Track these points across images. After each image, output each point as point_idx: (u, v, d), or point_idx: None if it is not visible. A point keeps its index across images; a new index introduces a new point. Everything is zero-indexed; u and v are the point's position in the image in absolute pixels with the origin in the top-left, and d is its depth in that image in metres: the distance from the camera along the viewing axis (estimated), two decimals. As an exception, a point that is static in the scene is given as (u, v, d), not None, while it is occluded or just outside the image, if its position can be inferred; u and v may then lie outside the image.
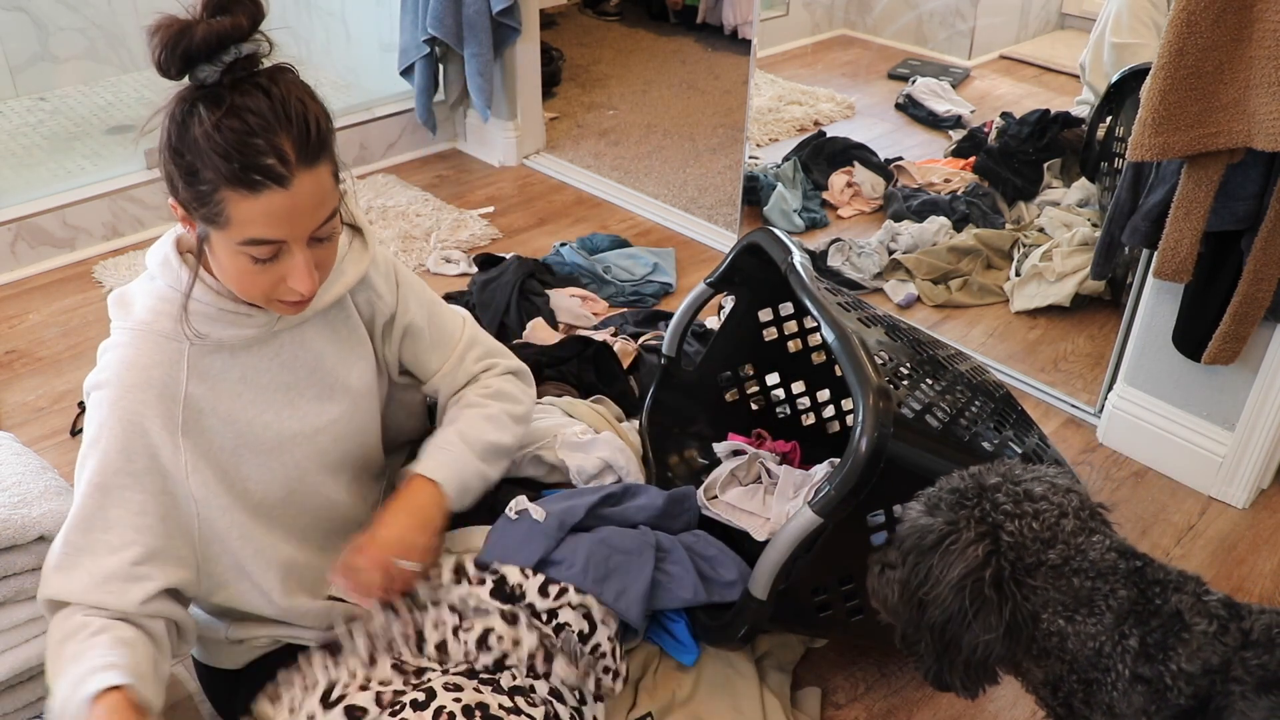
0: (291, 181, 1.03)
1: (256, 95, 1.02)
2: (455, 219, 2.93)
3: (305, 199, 1.05)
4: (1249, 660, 0.91)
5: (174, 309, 1.14)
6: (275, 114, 1.02)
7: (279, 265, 1.09)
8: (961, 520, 0.97)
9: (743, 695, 1.45)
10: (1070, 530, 0.96)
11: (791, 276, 1.50)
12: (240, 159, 1.00)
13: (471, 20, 2.96)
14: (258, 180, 1.01)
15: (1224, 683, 0.91)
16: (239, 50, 1.02)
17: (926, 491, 1.05)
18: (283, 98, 1.03)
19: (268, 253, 1.07)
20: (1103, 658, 0.94)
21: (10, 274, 2.60)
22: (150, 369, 1.14)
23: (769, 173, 2.93)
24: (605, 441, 1.71)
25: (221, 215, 1.04)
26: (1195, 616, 0.94)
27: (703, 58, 4.30)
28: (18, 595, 1.25)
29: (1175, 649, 0.92)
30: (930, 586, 0.96)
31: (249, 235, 1.05)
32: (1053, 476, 1.01)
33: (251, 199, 1.02)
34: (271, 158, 1.01)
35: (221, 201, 1.03)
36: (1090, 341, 2.38)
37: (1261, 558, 1.85)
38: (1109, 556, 0.96)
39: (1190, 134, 1.56)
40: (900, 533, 1.03)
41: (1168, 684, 0.92)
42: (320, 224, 1.09)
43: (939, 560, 0.96)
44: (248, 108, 1.01)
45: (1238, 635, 0.93)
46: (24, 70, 3.53)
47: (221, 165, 1.00)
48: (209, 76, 1.02)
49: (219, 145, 1.00)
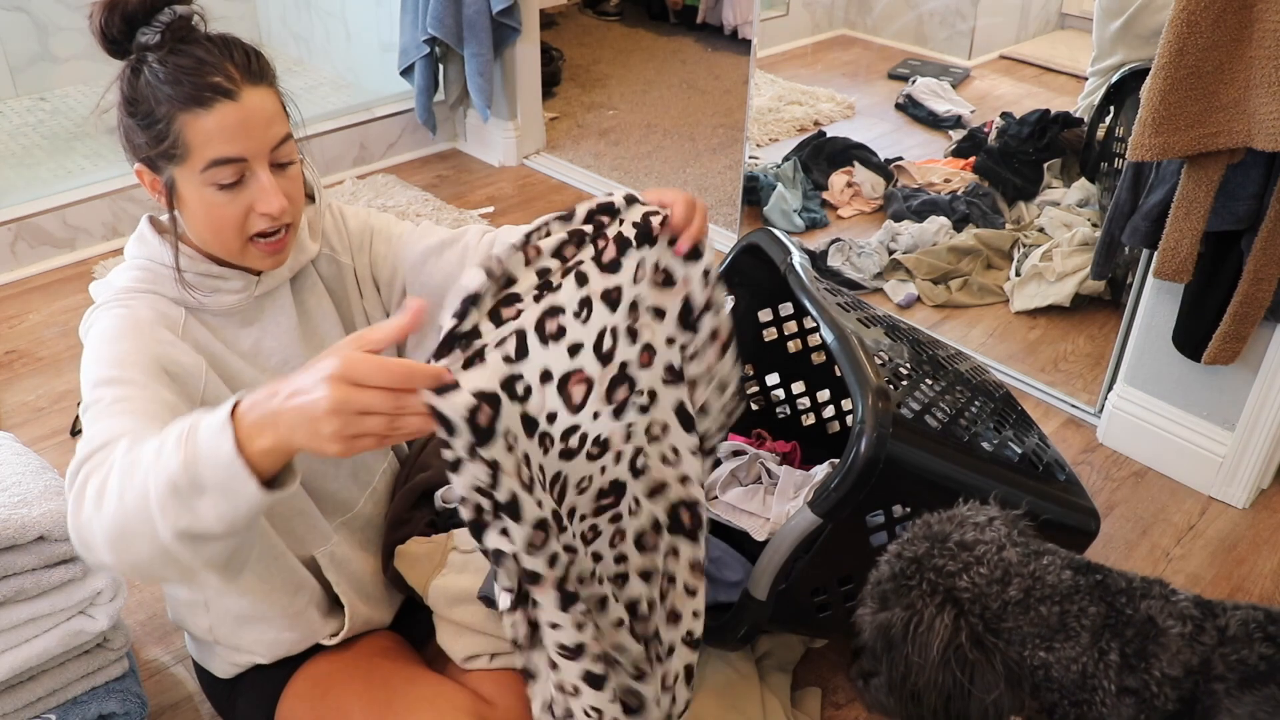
0: (239, 94, 1.08)
1: (198, 43, 1.09)
2: (455, 219, 2.93)
3: (256, 111, 1.09)
4: (1229, 656, 0.91)
5: (154, 277, 1.17)
6: (218, 49, 1.09)
7: (245, 192, 1.11)
8: (915, 600, 0.96)
9: (743, 695, 1.45)
10: (1017, 560, 0.95)
11: (791, 277, 1.50)
12: (190, 79, 1.06)
13: (471, 20, 2.96)
14: (208, 96, 1.06)
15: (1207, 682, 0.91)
16: (174, 11, 1.09)
17: (867, 589, 1.03)
18: (223, 40, 1.10)
19: (231, 174, 1.09)
20: (1088, 678, 0.93)
21: (10, 274, 2.60)
22: (153, 304, 1.16)
23: (769, 173, 2.93)
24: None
25: (180, 144, 1.07)
26: (1168, 620, 0.94)
27: (703, 58, 4.30)
28: (18, 595, 1.25)
29: (1155, 655, 0.92)
30: (915, 675, 0.95)
31: (209, 156, 1.08)
32: (972, 516, 1.00)
33: (205, 115, 1.06)
34: (218, 75, 1.07)
35: (179, 130, 1.07)
36: (1090, 341, 2.38)
37: (1261, 558, 1.85)
38: (1065, 576, 0.95)
39: (1190, 134, 1.56)
40: (866, 638, 1.02)
41: (1153, 691, 0.91)
42: (276, 143, 1.11)
43: (913, 648, 0.94)
44: (192, 50, 1.08)
45: (1214, 633, 0.93)
46: (24, 70, 3.53)
47: (172, 91, 1.06)
48: (151, 39, 1.08)
49: (168, 75, 1.06)
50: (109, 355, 1.07)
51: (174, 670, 1.56)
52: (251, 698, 1.32)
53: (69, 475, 0.94)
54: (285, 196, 1.14)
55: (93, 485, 0.89)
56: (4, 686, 1.27)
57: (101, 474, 0.89)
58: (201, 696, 1.48)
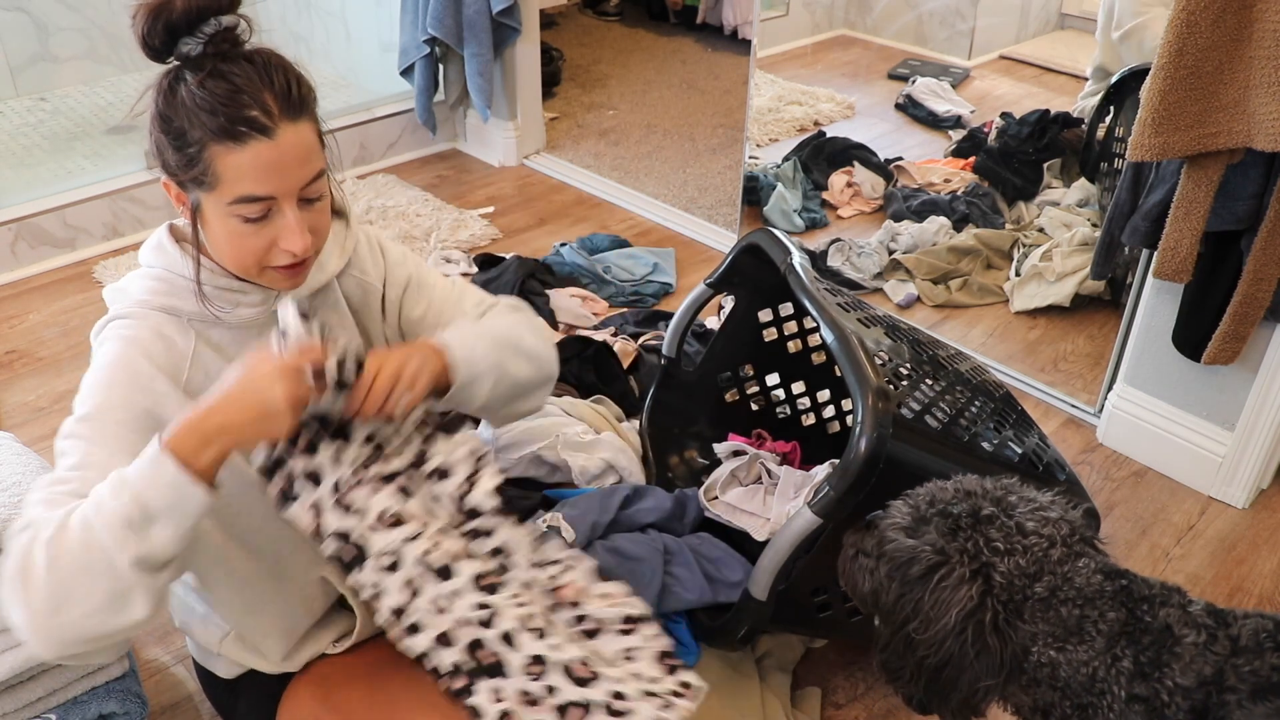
0: (276, 132, 1.05)
1: (240, 62, 1.06)
2: (455, 219, 2.93)
3: (290, 150, 1.07)
4: (1241, 667, 0.91)
5: (170, 289, 1.15)
6: (259, 74, 1.06)
7: (270, 226, 1.10)
8: (953, 552, 0.95)
9: (743, 695, 1.45)
10: (1056, 559, 0.94)
11: (790, 277, 1.50)
12: (226, 111, 1.03)
13: (471, 20, 2.96)
14: (243, 131, 1.04)
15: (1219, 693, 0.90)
16: (219, 22, 1.06)
17: (913, 497, 1.02)
18: (265, 63, 1.07)
19: (258, 210, 1.08)
20: (1097, 682, 0.92)
21: (10, 274, 2.60)
22: (158, 328, 1.14)
23: (769, 173, 2.93)
24: (607, 442, 1.71)
25: (210, 174, 1.06)
26: (1184, 628, 0.93)
27: (703, 58, 4.30)
28: (18, 595, 1.25)
29: (1169, 664, 0.92)
30: (921, 625, 0.94)
31: (238, 192, 1.06)
32: (1045, 508, 0.98)
33: (238, 151, 1.04)
34: (256, 109, 1.04)
35: (210, 159, 1.05)
36: (1090, 341, 2.38)
37: (1261, 558, 1.85)
38: (1094, 580, 0.95)
39: (1190, 134, 1.56)
40: (882, 535, 1.01)
41: (1164, 700, 0.91)
42: (307, 181, 1.10)
43: (929, 596, 0.93)
44: (232, 71, 1.05)
45: (1226, 643, 0.92)
46: (24, 70, 3.53)
47: (208, 120, 1.03)
48: (193, 49, 1.05)
49: (204, 101, 1.03)
50: (96, 400, 1.09)
51: (174, 670, 1.56)
52: (253, 698, 1.32)
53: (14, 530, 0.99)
54: (311, 231, 1.12)
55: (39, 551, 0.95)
56: (4, 686, 1.27)
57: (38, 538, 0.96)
58: (201, 696, 1.48)
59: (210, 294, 1.16)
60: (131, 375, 1.11)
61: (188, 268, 1.15)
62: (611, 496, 1.52)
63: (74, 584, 0.94)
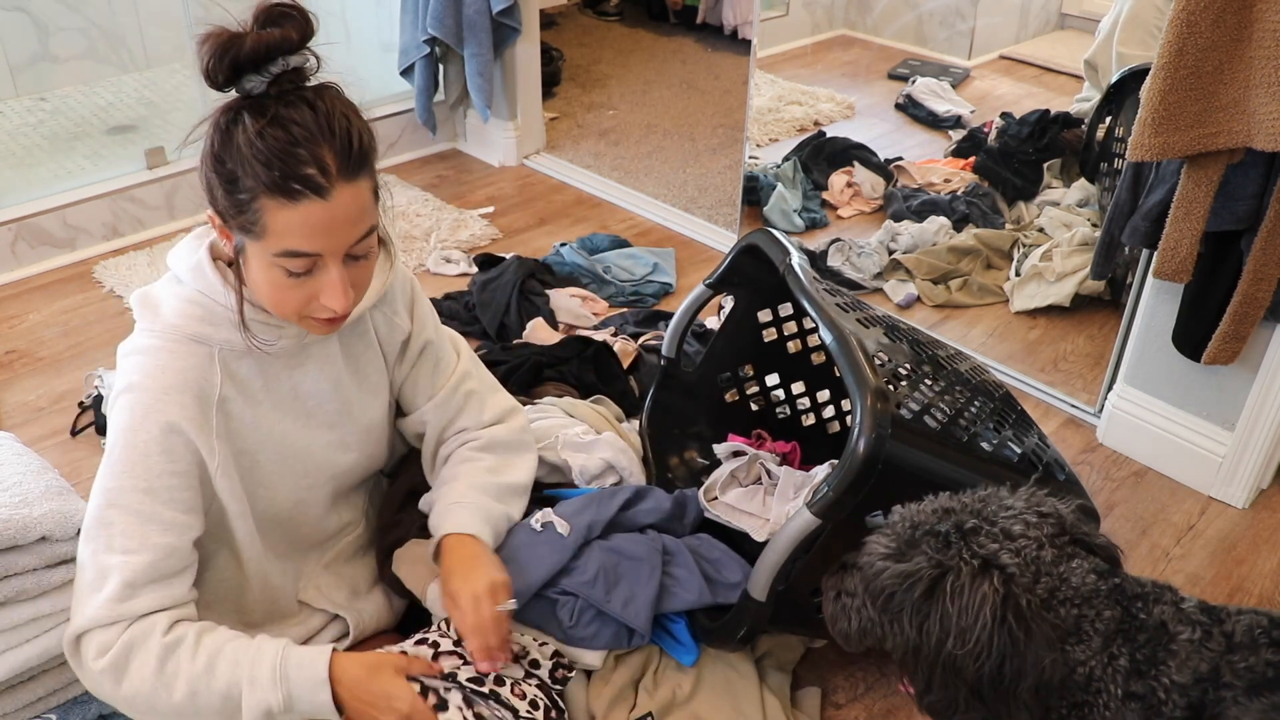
0: (331, 193, 1.02)
1: (301, 107, 1.02)
2: (455, 219, 2.93)
3: (343, 212, 1.04)
4: (1236, 664, 0.91)
5: (205, 313, 1.14)
6: (319, 126, 1.02)
7: (313, 281, 1.08)
8: (951, 559, 0.93)
9: (743, 695, 1.45)
10: (1050, 560, 0.94)
11: (790, 278, 1.50)
12: (281, 167, 1.00)
13: (471, 20, 2.96)
14: (297, 189, 1.01)
15: (1216, 689, 0.90)
16: (286, 63, 1.02)
17: (890, 527, 1.00)
18: (327, 111, 1.03)
19: (303, 266, 1.06)
20: (1094, 680, 0.92)
21: (10, 274, 2.60)
22: (185, 371, 1.13)
23: (769, 173, 2.93)
24: (607, 442, 1.71)
25: (258, 224, 1.03)
26: (1178, 626, 0.93)
27: (703, 58, 4.30)
28: (19, 595, 1.25)
29: (1165, 662, 0.92)
30: (958, 639, 0.91)
31: (285, 246, 1.04)
32: (1026, 508, 0.98)
33: (290, 208, 1.02)
34: (312, 167, 1.01)
35: (260, 210, 1.02)
36: (1090, 341, 2.38)
37: (1261, 558, 1.85)
38: (1089, 580, 0.94)
39: (1190, 134, 1.56)
40: (866, 572, 0.99)
41: (1160, 698, 0.91)
42: (357, 240, 1.08)
43: (952, 606, 0.91)
44: (292, 118, 1.01)
45: (1221, 639, 0.92)
46: (24, 70, 3.53)
47: (262, 173, 1.00)
48: (256, 87, 1.02)
49: (261, 152, 1.00)
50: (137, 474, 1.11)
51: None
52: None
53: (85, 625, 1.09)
54: (353, 285, 1.11)
55: (143, 661, 1.08)
56: (5, 686, 1.27)
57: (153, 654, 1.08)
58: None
59: (250, 326, 1.15)
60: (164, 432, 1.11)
61: (228, 298, 1.13)
62: (612, 498, 1.52)
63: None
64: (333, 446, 1.28)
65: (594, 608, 1.40)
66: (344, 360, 1.26)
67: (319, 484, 1.29)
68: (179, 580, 1.12)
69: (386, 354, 1.33)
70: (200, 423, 1.13)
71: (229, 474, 1.17)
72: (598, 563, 1.41)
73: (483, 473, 1.35)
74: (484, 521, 1.29)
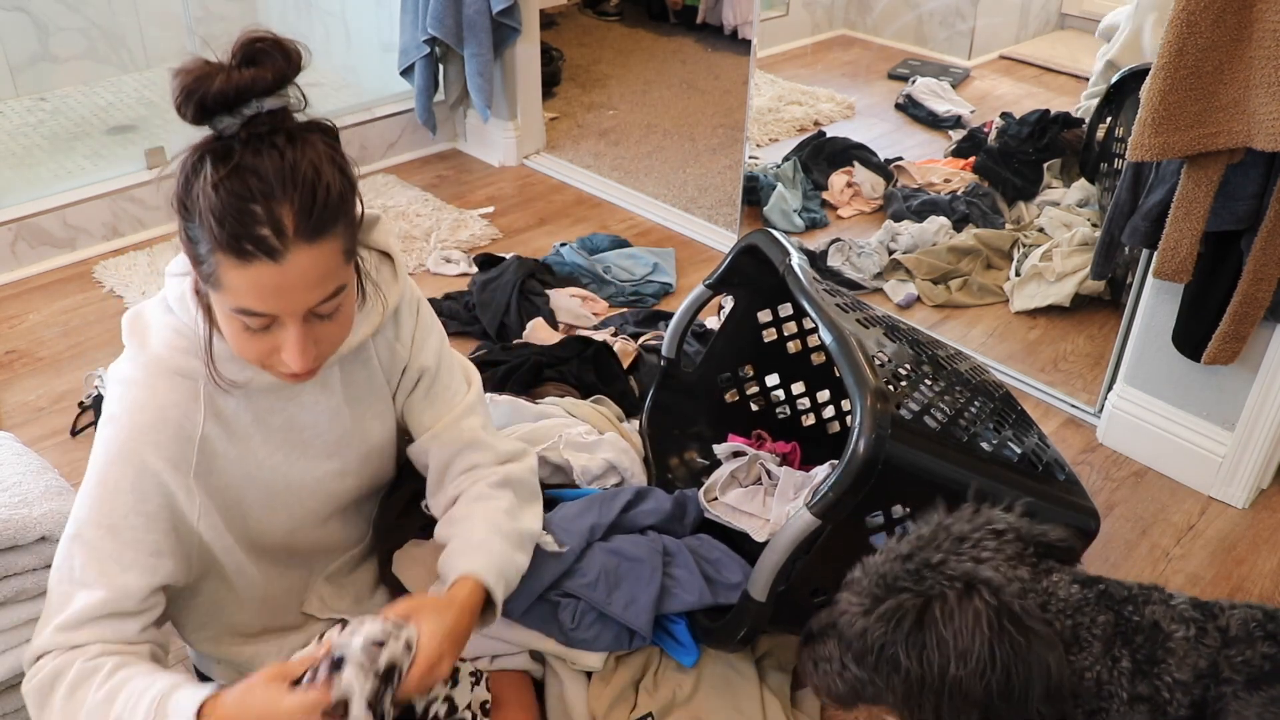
0: (285, 256, 0.96)
1: (269, 155, 0.95)
2: (455, 219, 2.93)
3: (298, 276, 0.98)
4: (1234, 658, 0.91)
5: (191, 345, 1.11)
6: (281, 178, 0.95)
7: (273, 335, 1.03)
8: (930, 587, 0.92)
9: (743, 695, 1.45)
10: (1029, 578, 0.93)
11: (789, 278, 1.50)
12: (233, 225, 0.94)
13: (471, 20, 2.96)
14: (248, 250, 0.95)
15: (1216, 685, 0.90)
16: (260, 105, 0.96)
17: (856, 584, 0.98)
18: (294, 161, 0.96)
19: (259, 324, 1.02)
20: (1103, 685, 0.92)
21: (10, 274, 2.60)
22: (165, 409, 1.09)
23: (769, 173, 2.93)
24: (609, 443, 1.71)
25: (214, 276, 0.99)
26: (1172, 624, 0.93)
27: (703, 58, 4.30)
28: (18, 595, 1.25)
29: (1164, 660, 0.91)
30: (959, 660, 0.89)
31: (239, 304, 0.99)
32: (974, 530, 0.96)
33: (241, 268, 0.96)
34: (266, 228, 0.94)
35: (216, 265, 0.97)
36: (1090, 341, 2.38)
37: (1261, 558, 1.85)
38: (1074, 590, 0.94)
39: (1190, 134, 1.56)
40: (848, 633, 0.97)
41: (1165, 697, 0.91)
42: (317, 303, 1.02)
43: (946, 631, 0.90)
44: (254, 169, 0.94)
45: (1216, 635, 0.92)
46: (24, 70, 3.53)
47: (215, 229, 0.95)
48: (228, 128, 0.95)
49: (215, 206, 0.94)
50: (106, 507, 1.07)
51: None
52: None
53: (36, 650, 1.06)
54: (318, 342, 1.06)
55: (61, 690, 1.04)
56: (4, 686, 1.27)
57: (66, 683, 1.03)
58: (201, 697, 1.48)
59: (228, 356, 1.11)
60: (138, 473, 1.08)
61: (203, 332, 1.10)
62: (613, 500, 1.52)
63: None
64: (332, 475, 1.26)
65: (595, 610, 1.40)
66: (343, 389, 1.23)
67: (317, 511, 1.27)
68: (132, 621, 1.08)
69: (390, 380, 1.29)
70: (178, 461, 1.10)
71: (209, 513, 1.14)
72: (599, 565, 1.41)
73: (501, 515, 1.28)
74: (499, 575, 1.22)
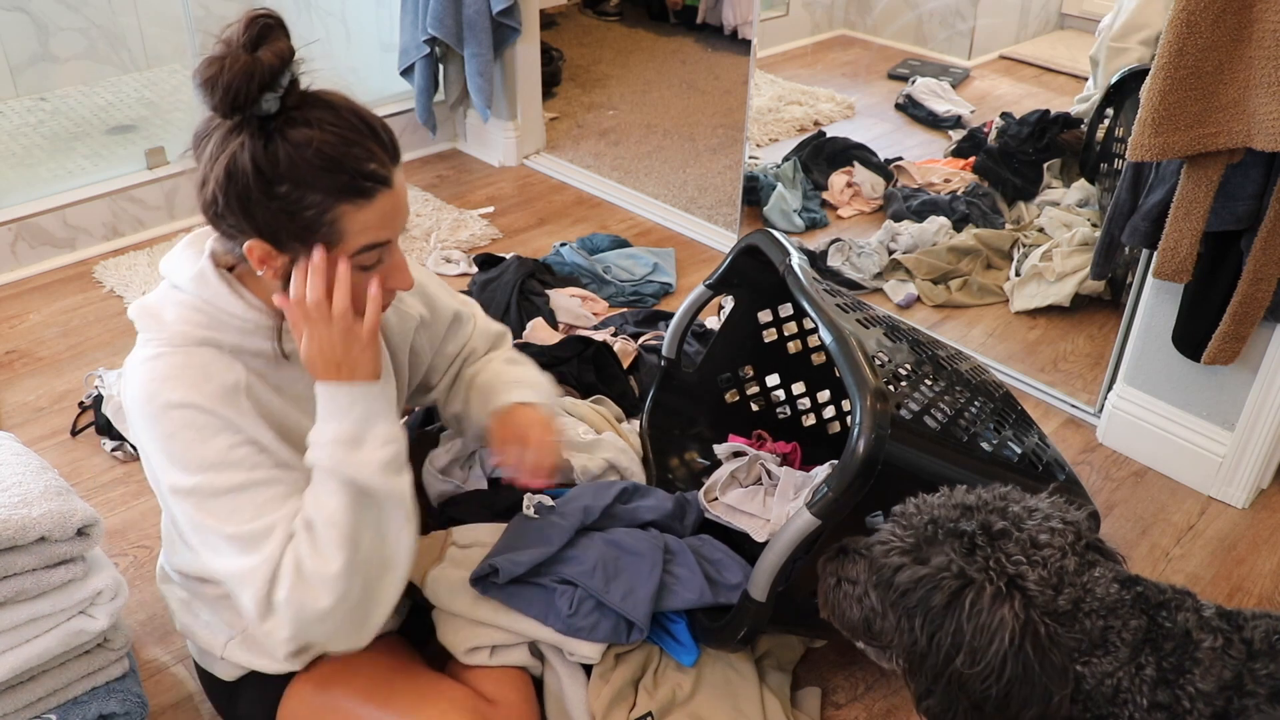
0: (394, 179, 1.06)
1: (323, 110, 1.02)
2: (455, 219, 2.93)
3: (404, 193, 1.09)
4: (1258, 671, 0.90)
5: (210, 319, 1.12)
6: (348, 122, 1.03)
7: (379, 269, 1.10)
8: (975, 573, 0.91)
9: (743, 695, 1.45)
10: (1074, 570, 0.92)
11: (789, 278, 1.50)
12: (351, 170, 1.01)
13: (471, 20, 2.96)
14: (368, 187, 1.03)
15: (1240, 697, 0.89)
16: (293, 73, 1.02)
17: (906, 517, 0.97)
18: (341, 105, 1.05)
19: (375, 257, 1.08)
20: (1121, 693, 0.91)
21: (10, 274, 2.60)
22: (205, 366, 1.11)
23: (769, 173, 2.93)
24: (609, 442, 1.71)
25: (334, 231, 1.03)
26: (1201, 633, 0.92)
27: (703, 58, 4.30)
28: (18, 595, 1.25)
29: (1190, 670, 0.90)
30: (969, 658, 0.89)
31: (363, 243, 1.05)
32: (1049, 516, 0.95)
33: (365, 207, 1.03)
34: (373, 163, 1.03)
35: (337, 217, 1.02)
36: (1090, 341, 2.38)
37: (1261, 558, 1.85)
38: (1113, 590, 0.92)
39: (1190, 134, 1.56)
40: (876, 561, 0.96)
41: (1186, 707, 0.89)
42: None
43: (968, 624, 0.89)
44: (326, 121, 1.01)
45: (1241, 647, 0.91)
46: (24, 70, 3.53)
47: (331, 182, 1.00)
48: (271, 106, 1.00)
49: (325, 163, 1.00)
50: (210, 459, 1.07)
51: (174, 670, 1.56)
52: (253, 697, 1.32)
53: (265, 581, 1.08)
54: None
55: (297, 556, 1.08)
56: (4, 686, 1.27)
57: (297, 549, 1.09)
58: (202, 696, 1.48)
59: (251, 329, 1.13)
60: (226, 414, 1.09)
61: (233, 304, 1.11)
62: (608, 488, 1.53)
63: (357, 530, 1.09)
64: None
65: (593, 598, 1.40)
66: None
67: None
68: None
69: (399, 342, 1.34)
70: (231, 399, 1.11)
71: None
72: (597, 554, 1.41)
73: (531, 368, 1.49)
74: (546, 397, 1.43)
